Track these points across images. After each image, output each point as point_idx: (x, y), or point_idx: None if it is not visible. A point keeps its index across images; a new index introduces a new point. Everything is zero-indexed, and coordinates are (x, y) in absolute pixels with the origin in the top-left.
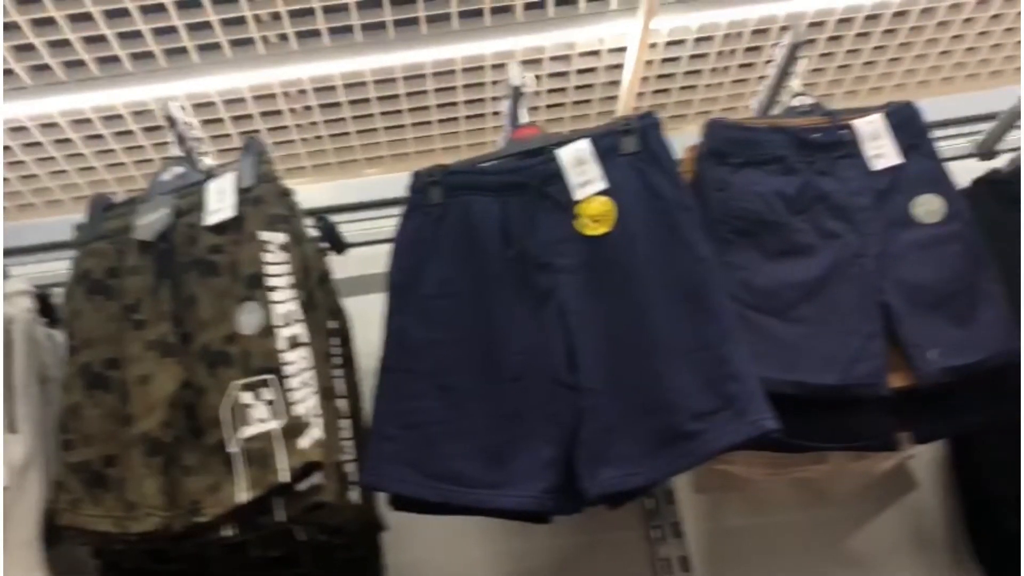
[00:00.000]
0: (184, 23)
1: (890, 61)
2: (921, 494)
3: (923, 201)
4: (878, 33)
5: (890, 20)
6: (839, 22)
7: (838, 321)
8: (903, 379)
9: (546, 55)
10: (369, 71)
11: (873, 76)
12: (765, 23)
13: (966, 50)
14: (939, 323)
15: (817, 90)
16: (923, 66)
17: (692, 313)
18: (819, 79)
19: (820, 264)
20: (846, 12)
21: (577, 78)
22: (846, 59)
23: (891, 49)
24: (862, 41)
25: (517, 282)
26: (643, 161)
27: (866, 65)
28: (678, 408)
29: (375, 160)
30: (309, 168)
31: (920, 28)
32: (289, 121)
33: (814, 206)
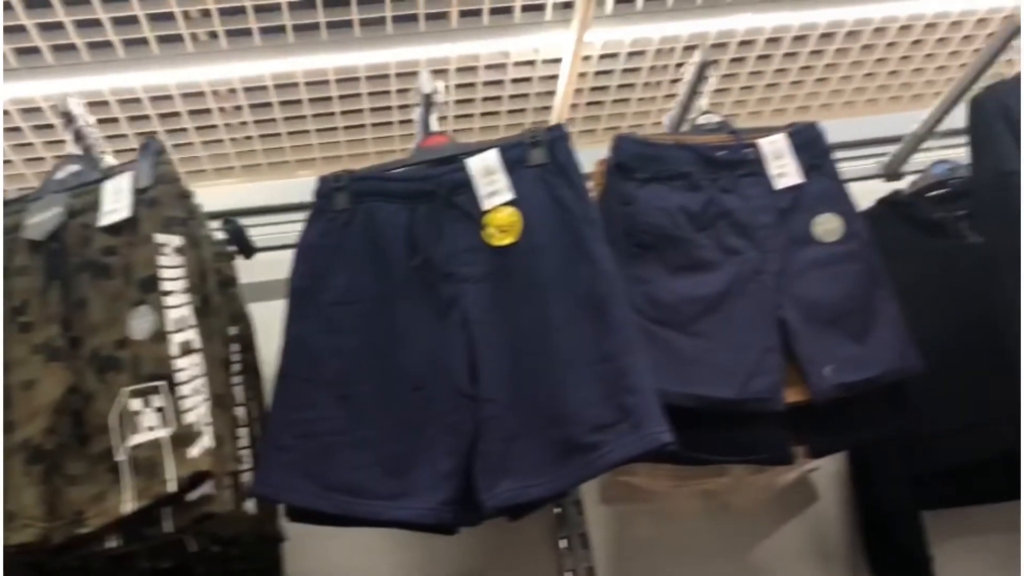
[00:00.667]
0: (109, 16)
1: (792, 84)
2: (823, 506)
3: (823, 220)
4: (779, 56)
5: (791, 44)
6: (740, 44)
7: (737, 336)
8: (799, 394)
9: (481, 63)
10: (301, 72)
11: (776, 98)
12: (696, 39)
13: (865, 75)
14: (835, 339)
15: (722, 110)
16: (825, 89)
17: (594, 325)
18: (724, 99)
19: (721, 279)
20: (748, 34)
21: (512, 87)
22: (749, 80)
23: (793, 72)
24: (764, 63)
25: (421, 291)
26: (550, 173)
27: (769, 87)
28: (577, 420)
29: (307, 162)
30: (238, 168)
31: (820, 52)
32: (218, 120)
33: (717, 222)
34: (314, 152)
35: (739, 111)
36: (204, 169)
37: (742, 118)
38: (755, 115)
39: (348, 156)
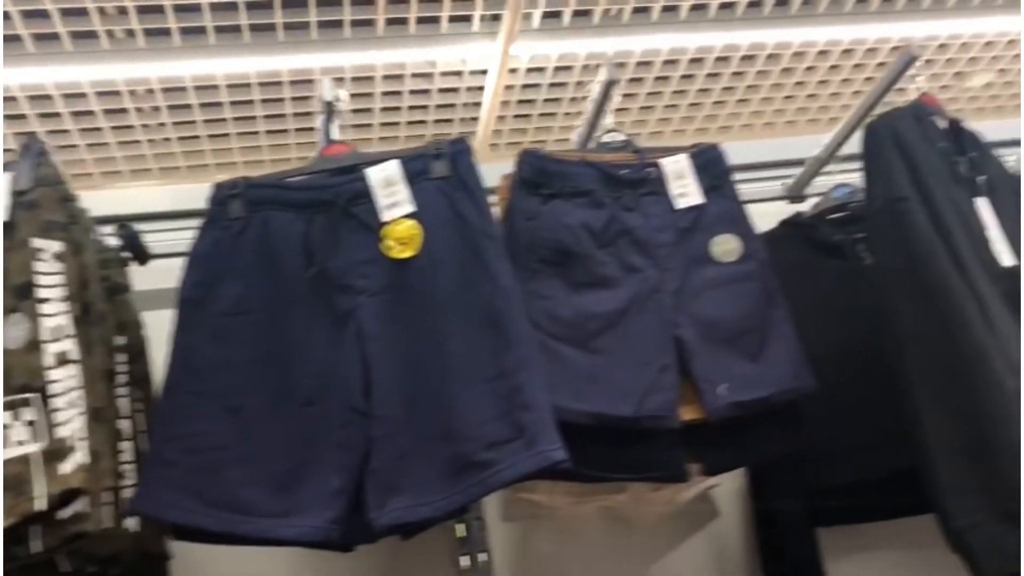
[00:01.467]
0: (19, 9)
1: (691, 105)
2: (723, 522)
3: (721, 240)
4: (677, 77)
5: (687, 66)
6: (638, 64)
7: (634, 353)
8: (694, 412)
9: (407, 72)
10: (222, 75)
11: (676, 119)
12: (622, 57)
13: (761, 99)
14: (730, 358)
15: (624, 128)
16: (723, 111)
17: (491, 341)
18: (626, 118)
19: (621, 297)
20: (645, 55)
21: (439, 97)
22: (648, 100)
23: (691, 94)
24: (662, 84)
25: (316, 303)
26: (452, 186)
27: (669, 108)
28: (471, 437)
29: (226, 166)
30: (155, 171)
31: (717, 75)
32: (135, 121)
33: (619, 240)
34: (235, 156)
35: (640, 130)
36: (120, 170)
37: (643, 137)
38: (656, 135)
39: (271, 161)
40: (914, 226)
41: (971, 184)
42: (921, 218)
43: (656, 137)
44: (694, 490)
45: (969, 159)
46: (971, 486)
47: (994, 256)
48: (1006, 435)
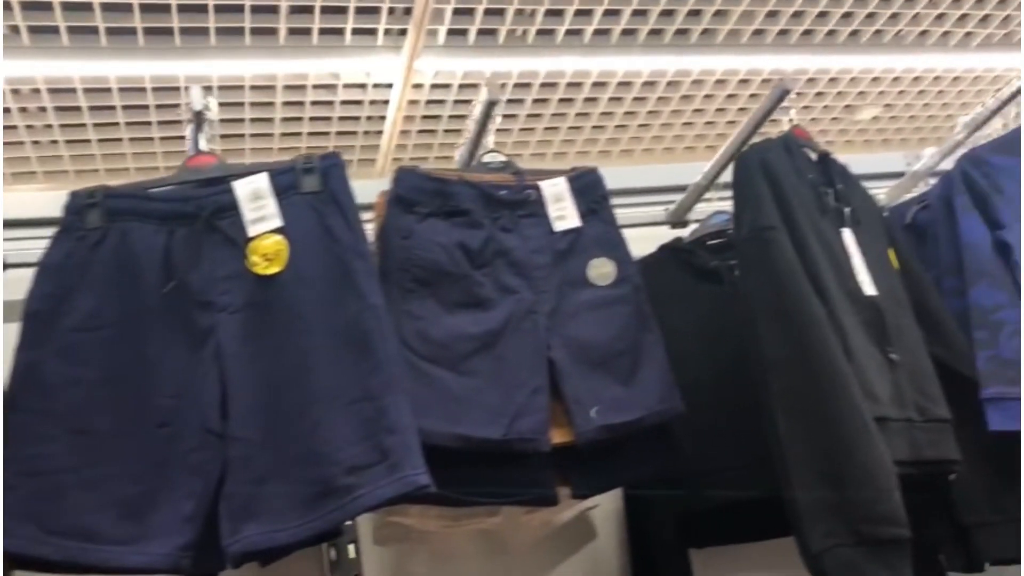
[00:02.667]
0: None
1: (571, 128)
2: (600, 544)
3: (597, 264)
4: (554, 100)
5: (564, 90)
6: (517, 86)
7: (507, 375)
8: (565, 435)
9: (310, 83)
10: (114, 78)
11: (556, 141)
12: (527, 77)
13: (639, 126)
14: (602, 381)
15: (505, 149)
16: (603, 136)
17: (357, 362)
18: (507, 139)
19: (496, 318)
20: (522, 77)
21: (343, 109)
22: (528, 123)
23: (570, 117)
24: (542, 107)
25: (174, 320)
26: (322, 202)
27: (548, 130)
28: (332, 461)
29: (118, 171)
30: (40, 174)
31: (595, 100)
32: (19, 121)
33: (495, 261)
34: (127, 162)
35: (522, 151)
36: None
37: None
38: (538, 156)
39: (135, 169)
40: (779, 254)
41: (838, 215)
42: (786, 246)
43: (538, 159)
44: (571, 512)
45: (837, 191)
46: (826, 510)
47: (857, 285)
48: (859, 459)
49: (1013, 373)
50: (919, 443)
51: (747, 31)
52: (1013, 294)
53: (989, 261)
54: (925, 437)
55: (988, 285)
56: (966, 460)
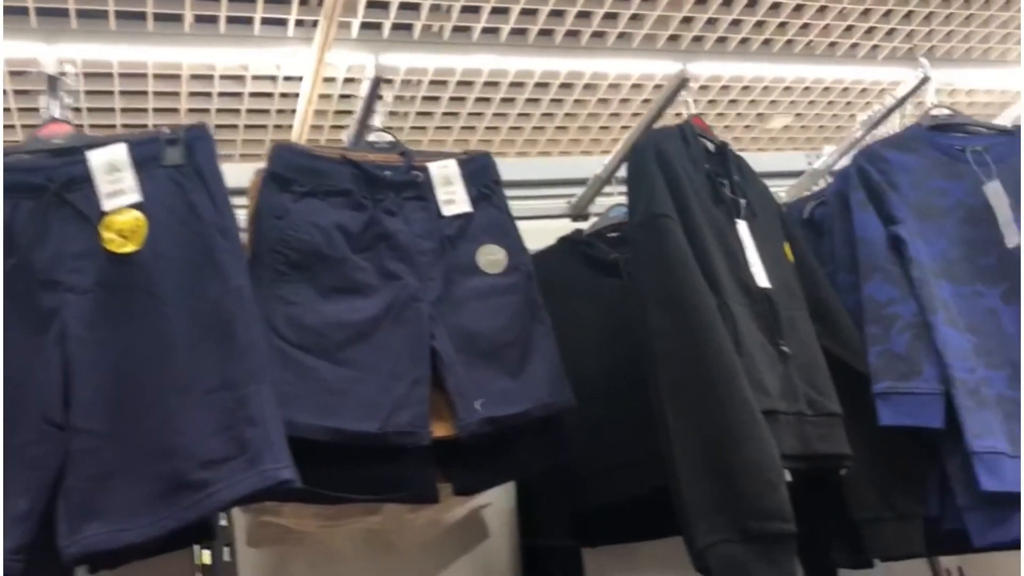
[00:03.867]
0: None
1: (471, 115)
2: (493, 543)
3: (487, 251)
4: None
5: (455, 88)
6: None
7: (386, 365)
8: (447, 429)
9: (217, 73)
10: None
11: (456, 128)
12: (443, 75)
13: (543, 115)
14: (488, 373)
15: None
16: (504, 125)
17: (217, 348)
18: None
19: (376, 305)
20: (409, 73)
21: (251, 102)
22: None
23: (469, 103)
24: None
25: (14, 301)
26: (186, 176)
27: (446, 115)
28: (187, 454)
29: None
30: None
31: (487, 99)
32: None
33: (377, 245)
34: None
35: (420, 137)
36: None
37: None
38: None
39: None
40: (671, 242)
41: (733, 206)
42: (678, 235)
43: (438, 146)
44: (461, 510)
45: (733, 182)
46: (713, 505)
47: (751, 277)
48: (746, 454)
49: (904, 368)
50: (809, 437)
51: (663, 36)
52: (906, 289)
53: (883, 256)
54: (815, 431)
55: (881, 280)
56: (858, 455)
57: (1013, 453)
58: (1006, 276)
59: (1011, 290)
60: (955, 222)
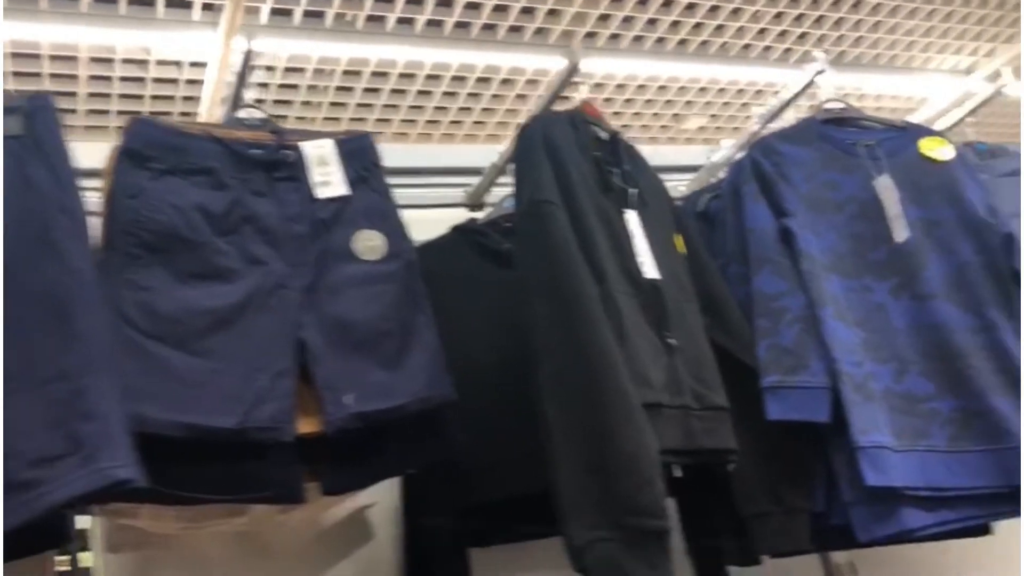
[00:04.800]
0: None
1: (359, 106)
2: (376, 545)
3: (365, 236)
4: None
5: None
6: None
7: (248, 357)
8: (314, 424)
9: (118, 56)
10: None
11: (344, 119)
12: (357, 65)
13: (436, 108)
14: (361, 365)
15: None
16: (396, 117)
17: (52, 335)
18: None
19: (238, 291)
20: (291, 60)
21: (155, 87)
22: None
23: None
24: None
25: None
26: (25, 148)
27: (334, 106)
28: (14, 452)
29: None
30: None
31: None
32: None
33: (242, 228)
34: None
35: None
36: None
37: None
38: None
39: None
40: (554, 230)
41: (623, 195)
42: (562, 222)
43: None
44: (341, 510)
45: (623, 171)
46: (591, 502)
47: (638, 268)
48: (623, 448)
49: (792, 361)
50: (694, 431)
51: (555, 30)
52: (795, 282)
53: (773, 249)
54: (701, 425)
55: (771, 272)
56: (746, 450)
57: (898, 447)
58: (895, 271)
59: (900, 285)
60: (846, 216)
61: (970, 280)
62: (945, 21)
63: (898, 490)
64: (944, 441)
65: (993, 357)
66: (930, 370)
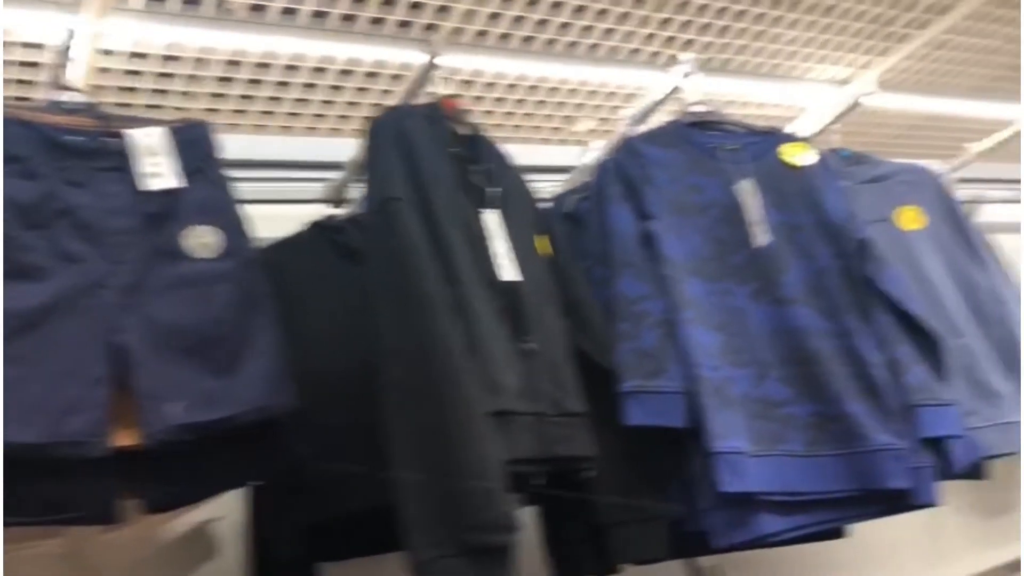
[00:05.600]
0: None
1: (213, 97)
2: (223, 561)
3: (198, 233)
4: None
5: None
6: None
7: (57, 363)
8: (133, 437)
9: None
10: None
11: (196, 109)
12: (207, 53)
13: (295, 100)
14: (189, 372)
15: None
16: (253, 108)
17: None
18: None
19: (47, 291)
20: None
21: (19, 71)
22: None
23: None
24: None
25: None
26: None
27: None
28: None
29: None
30: None
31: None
32: None
33: (56, 221)
34: None
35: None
36: None
37: None
38: None
39: None
40: (402, 229)
41: (481, 194)
42: (412, 221)
43: None
44: (180, 525)
45: (483, 169)
46: (433, 517)
47: (495, 270)
48: (465, 461)
49: (652, 366)
50: (550, 439)
51: (445, 27)
52: (656, 285)
53: (635, 252)
54: (557, 432)
55: (633, 276)
56: (606, 457)
57: (755, 452)
58: (755, 275)
59: (760, 289)
60: (709, 220)
61: (828, 285)
62: (824, 33)
63: (754, 495)
64: (801, 446)
65: (848, 362)
66: (788, 375)
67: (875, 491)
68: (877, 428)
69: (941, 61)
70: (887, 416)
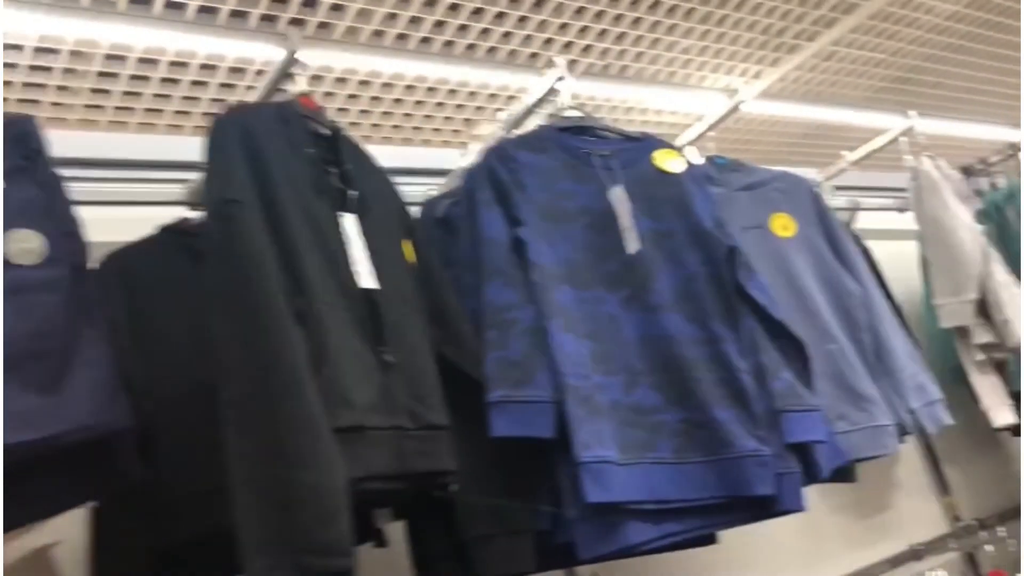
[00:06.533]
0: None
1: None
2: None
3: (19, 237)
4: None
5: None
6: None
7: None
8: None
9: None
10: None
11: (45, 103)
12: (51, 42)
13: (154, 95)
14: (10, 389)
15: None
16: (109, 104)
17: None
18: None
19: None
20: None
21: None
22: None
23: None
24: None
25: None
26: None
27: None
28: None
29: None
30: None
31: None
32: None
33: None
34: None
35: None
36: None
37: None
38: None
39: None
40: (241, 235)
41: (339, 197)
42: (253, 226)
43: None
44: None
45: (343, 171)
46: (270, 538)
47: (352, 277)
48: (304, 480)
49: (519, 375)
50: (407, 453)
51: (312, 22)
52: (525, 293)
53: (504, 259)
54: (416, 447)
55: (502, 283)
56: (470, 470)
57: (623, 461)
58: (626, 282)
59: (631, 296)
60: (581, 226)
61: (696, 292)
62: (717, 43)
63: (621, 505)
64: (670, 453)
65: (716, 369)
66: (658, 382)
67: (742, 498)
68: (743, 434)
69: (829, 72)
70: (753, 422)
